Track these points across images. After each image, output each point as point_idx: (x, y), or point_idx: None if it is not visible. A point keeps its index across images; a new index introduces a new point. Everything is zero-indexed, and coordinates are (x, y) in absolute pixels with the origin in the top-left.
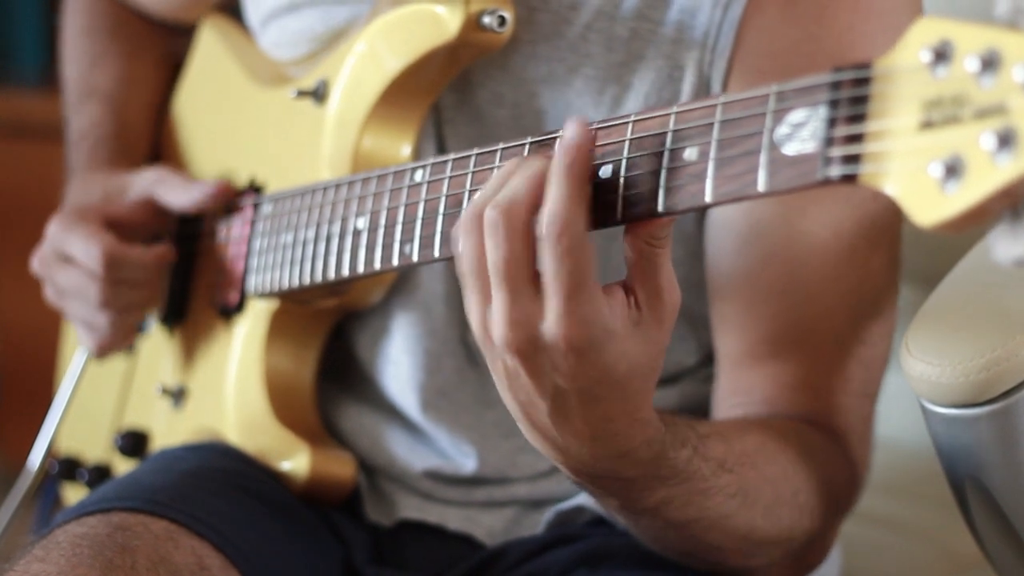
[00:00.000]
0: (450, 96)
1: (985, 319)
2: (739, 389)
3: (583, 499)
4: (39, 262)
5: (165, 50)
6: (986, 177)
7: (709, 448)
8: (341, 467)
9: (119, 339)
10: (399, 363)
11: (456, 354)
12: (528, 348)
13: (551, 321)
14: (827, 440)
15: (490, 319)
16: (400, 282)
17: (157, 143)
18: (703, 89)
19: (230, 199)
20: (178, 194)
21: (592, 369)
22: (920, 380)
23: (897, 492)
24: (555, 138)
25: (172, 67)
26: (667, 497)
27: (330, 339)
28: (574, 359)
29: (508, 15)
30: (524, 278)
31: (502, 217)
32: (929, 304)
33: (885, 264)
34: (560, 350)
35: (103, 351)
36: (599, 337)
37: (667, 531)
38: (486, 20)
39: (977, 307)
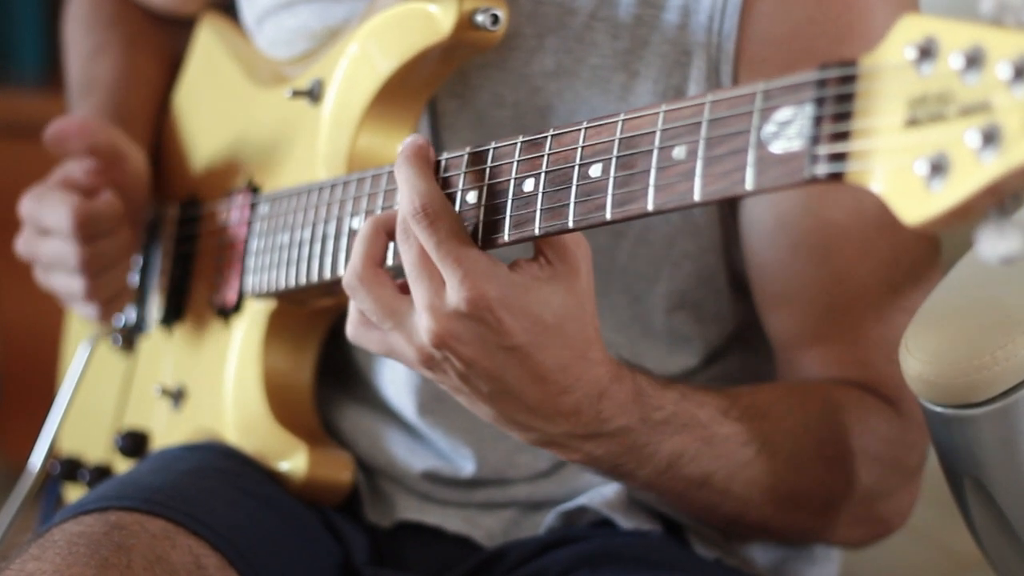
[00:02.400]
0: (451, 102)
1: (984, 319)
2: (790, 372)
3: (585, 500)
4: (23, 243)
5: (164, 44)
6: (971, 175)
7: (705, 398)
8: (339, 467)
9: (111, 297)
10: (396, 367)
11: None
12: (454, 325)
13: (453, 290)
14: (865, 397)
15: (417, 332)
16: None
17: (157, 139)
18: (713, 75)
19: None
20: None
21: (522, 320)
22: (919, 380)
23: None
24: (544, 137)
25: (171, 64)
26: (674, 451)
27: (328, 341)
28: (502, 314)
29: (501, 13)
30: (430, 271)
31: (407, 230)
32: (929, 304)
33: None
34: (480, 312)
35: (105, 313)
36: (509, 289)
37: (696, 493)
38: (479, 19)
39: (976, 307)
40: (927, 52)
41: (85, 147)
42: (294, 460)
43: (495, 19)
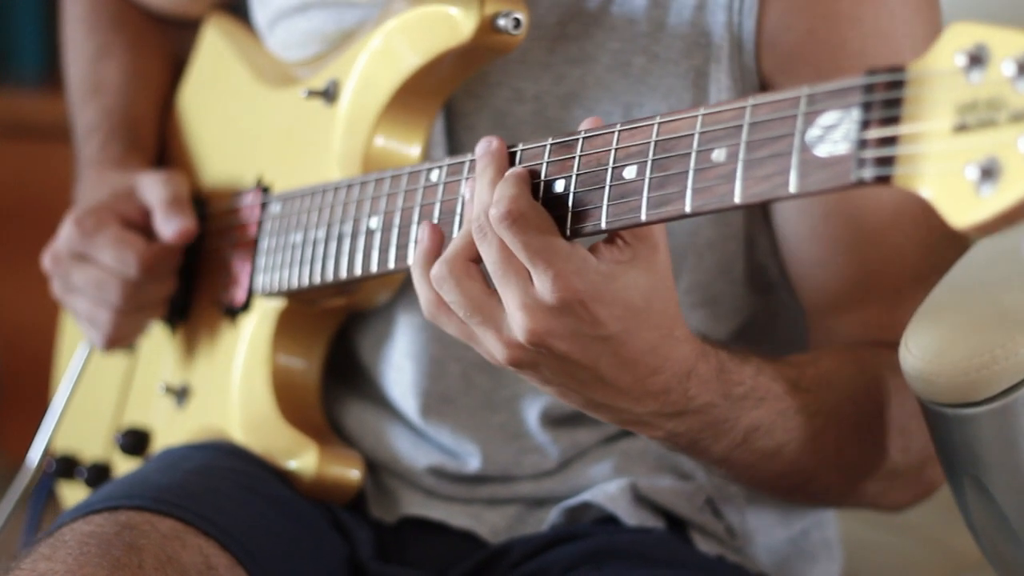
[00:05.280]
0: (469, 102)
1: (984, 318)
2: (828, 340)
3: (589, 496)
4: (52, 259)
5: (167, 45)
6: (1022, 180)
7: (777, 370)
8: (348, 466)
9: (130, 334)
10: (401, 368)
11: (463, 358)
12: (549, 321)
13: (544, 287)
14: None
15: (510, 329)
16: (404, 286)
17: (163, 141)
18: (735, 51)
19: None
20: (160, 225)
21: (614, 309)
22: (919, 378)
23: None
24: (576, 139)
25: (175, 66)
26: (751, 424)
27: (334, 340)
28: (595, 308)
29: (523, 17)
30: (515, 269)
31: (484, 229)
32: (929, 302)
33: None
34: (573, 307)
35: (111, 345)
36: (599, 281)
37: (766, 465)
38: (501, 22)
39: (976, 306)
40: (977, 59)
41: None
42: (303, 459)
43: (517, 23)
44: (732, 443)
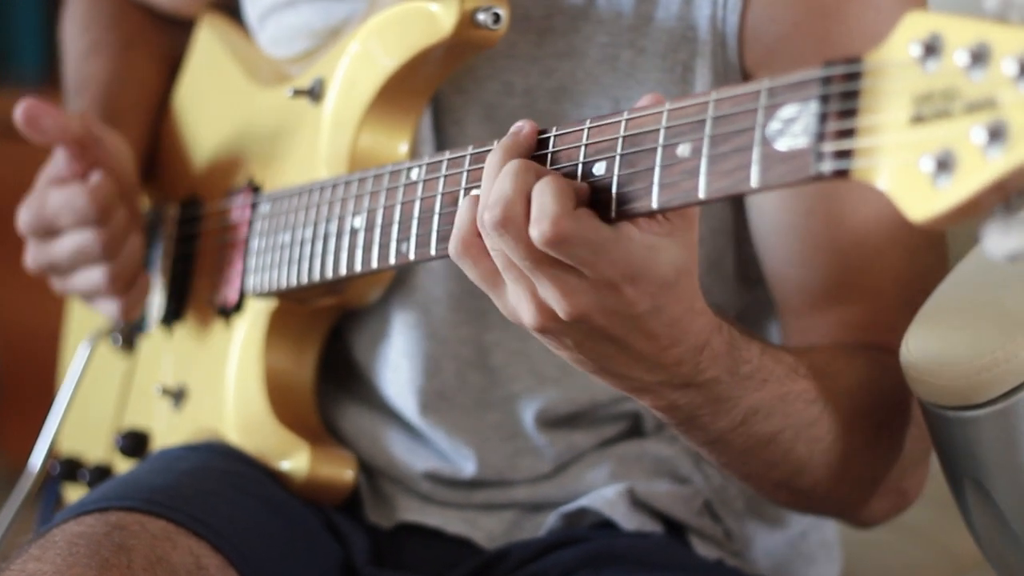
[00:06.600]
0: (456, 97)
1: (985, 320)
2: (804, 341)
3: (586, 501)
4: (33, 257)
5: (164, 45)
6: (977, 171)
7: (778, 352)
8: (341, 466)
9: (131, 282)
10: (398, 367)
11: (457, 356)
12: (593, 304)
13: (586, 267)
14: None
15: (546, 301)
16: (398, 284)
17: (154, 139)
18: (719, 46)
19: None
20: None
21: (650, 285)
22: (920, 380)
23: None
24: (548, 137)
25: (171, 65)
26: (752, 406)
27: (329, 341)
28: (632, 286)
29: (503, 12)
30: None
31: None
32: (930, 304)
33: None
34: (619, 287)
35: (127, 309)
36: (643, 257)
37: (760, 452)
38: (481, 17)
39: (977, 308)
40: (932, 49)
41: (60, 138)
42: (295, 459)
43: (496, 18)
44: (731, 424)
